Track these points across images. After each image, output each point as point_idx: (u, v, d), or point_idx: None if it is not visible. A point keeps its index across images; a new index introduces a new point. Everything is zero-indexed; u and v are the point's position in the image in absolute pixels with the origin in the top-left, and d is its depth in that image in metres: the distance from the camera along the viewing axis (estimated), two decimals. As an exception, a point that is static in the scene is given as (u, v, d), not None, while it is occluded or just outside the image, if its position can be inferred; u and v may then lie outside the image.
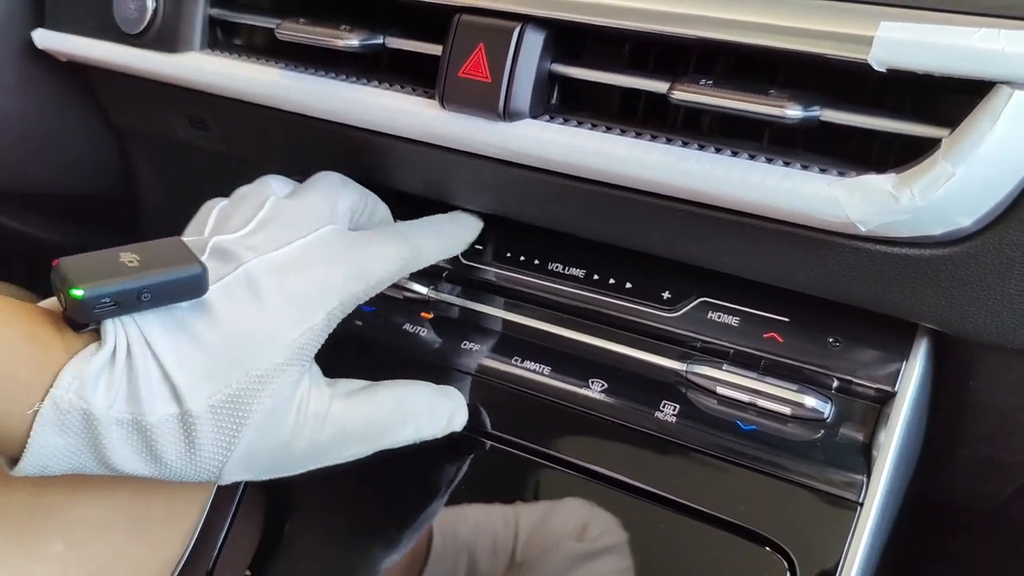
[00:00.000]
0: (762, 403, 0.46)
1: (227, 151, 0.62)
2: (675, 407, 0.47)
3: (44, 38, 0.62)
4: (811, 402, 0.45)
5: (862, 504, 0.42)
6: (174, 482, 0.42)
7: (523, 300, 0.54)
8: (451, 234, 0.52)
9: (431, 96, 0.47)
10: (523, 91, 0.44)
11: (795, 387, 0.46)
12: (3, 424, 0.35)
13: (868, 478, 0.43)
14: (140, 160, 0.73)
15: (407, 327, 0.55)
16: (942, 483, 0.55)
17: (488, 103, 0.44)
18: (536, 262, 0.53)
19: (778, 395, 0.46)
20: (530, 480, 0.48)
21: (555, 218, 0.49)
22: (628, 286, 0.50)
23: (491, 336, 0.53)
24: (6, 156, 0.69)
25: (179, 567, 0.50)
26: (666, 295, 0.49)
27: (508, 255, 0.54)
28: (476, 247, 0.54)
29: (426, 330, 0.54)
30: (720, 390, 0.47)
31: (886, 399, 0.45)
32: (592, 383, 0.49)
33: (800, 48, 0.37)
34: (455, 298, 0.55)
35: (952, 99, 0.37)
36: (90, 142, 0.72)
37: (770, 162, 0.40)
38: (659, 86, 0.42)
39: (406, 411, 0.46)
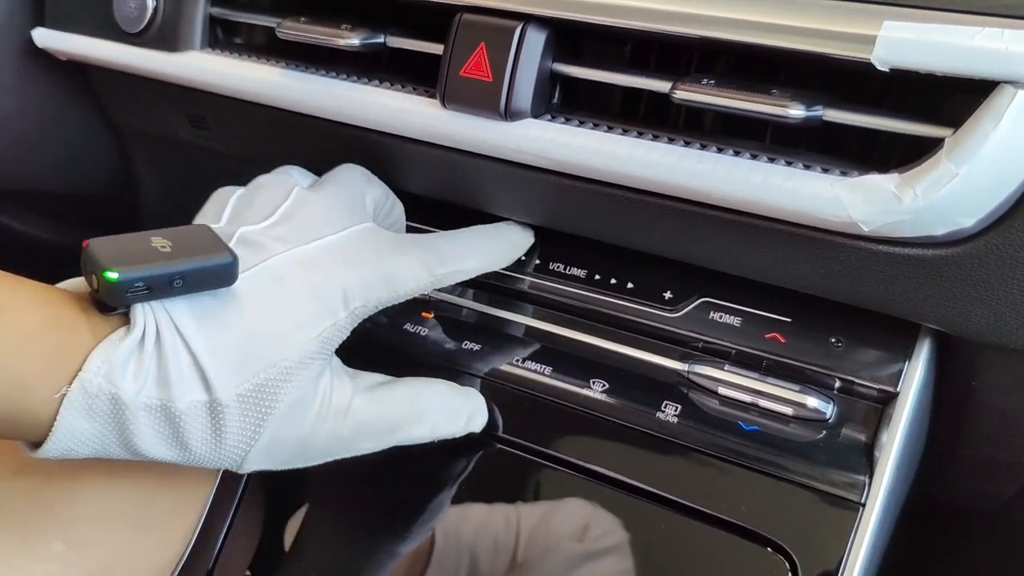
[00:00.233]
0: (764, 403, 0.46)
1: (227, 150, 0.62)
2: (677, 407, 0.47)
3: (44, 37, 0.62)
4: (813, 402, 0.45)
5: (864, 505, 0.42)
6: (175, 480, 0.42)
7: (524, 300, 0.54)
8: (496, 250, 0.50)
9: (432, 95, 0.47)
10: (524, 90, 0.44)
11: (797, 387, 0.46)
12: (27, 408, 0.35)
13: (870, 479, 0.43)
14: (139, 159, 0.73)
15: (407, 326, 0.55)
16: (944, 484, 0.54)
17: (489, 102, 0.44)
18: (537, 262, 0.53)
19: (780, 395, 0.46)
20: (531, 480, 0.48)
21: (556, 218, 0.49)
22: (630, 286, 0.50)
23: (492, 336, 0.53)
24: (5, 155, 0.69)
25: (179, 566, 0.50)
26: (668, 295, 0.49)
27: (509, 255, 0.53)
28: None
29: (427, 330, 0.54)
30: (722, 390, 0.47)
31: (888, 400, 0.45)
32: (593, 383, 0.49)
33: (803, 47, 0.37)
34: (456, 298, 0.55)
35: (955, 99, 0.37)
36: (89, 141, 0.72)
37: (772, 162, 0.40)
38: (661, 86, 0.42)
39: (424, 408, 0.45)
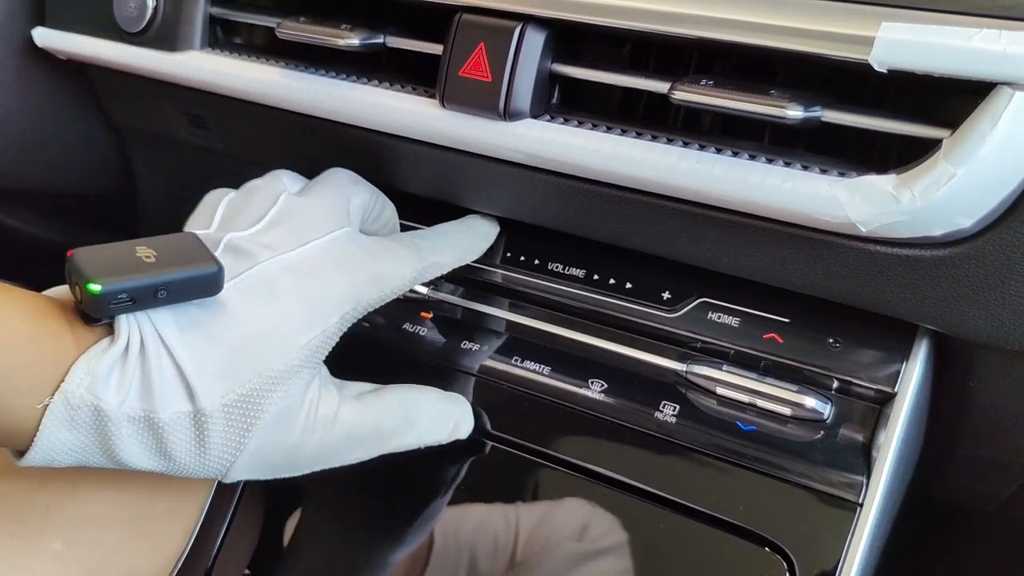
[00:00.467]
0: (762, 404, 0.46)
1: (226, 150, 0.62)
2: (675, 407, 0.47)
3: (44, 36, 0.62)
4: (811, 403, 0.45)
5: (862, 505, 0.42)
6: (174, 481, 0.42)
7: (523, 300, 0.54)
8: (467, 242, 0.52)
9: (431, 95, 0.47)
10: (523, 91, 0.44)
11: (795, 388, 0.46)
12: (11, 417, 0.35)
13: (868, 479, 0.43)
14: (139, 159, 0.73)
15: (407, 326, 0.55)
16: (941, 484, 0.54)
17: (489, 102, 0.44)
18: (536, 262, 0.53)
19: (778, 396, 0.46)
20: (530, 480, 0.48)
21: (555, 218, 0.49)
22: (628, 286, 0.50)
23: (491, 336, 0.53)
24: (5, 154, 0.69)
25: (178, 566, 0.50)
26: (666, 295, 0.49)
27: (508, 255, 0.54)
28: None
29: (425, 329, 0.54)
30: (720, 390, 0.47)
31: (886, 400, 0.45)
32: (592, 383, 0.49)
33: (801, 48, 0.37)
34: (455, 298, 0.55)
35: (953, 100, 0.37)
36: (89, 140, 0.72)
37: (770, 162, 0.40)
38: (660, 86, 0.42)
39: (412, 417, 0.46)
